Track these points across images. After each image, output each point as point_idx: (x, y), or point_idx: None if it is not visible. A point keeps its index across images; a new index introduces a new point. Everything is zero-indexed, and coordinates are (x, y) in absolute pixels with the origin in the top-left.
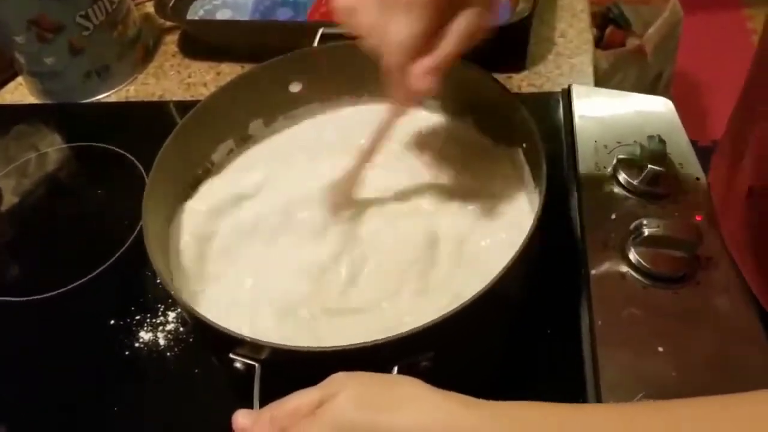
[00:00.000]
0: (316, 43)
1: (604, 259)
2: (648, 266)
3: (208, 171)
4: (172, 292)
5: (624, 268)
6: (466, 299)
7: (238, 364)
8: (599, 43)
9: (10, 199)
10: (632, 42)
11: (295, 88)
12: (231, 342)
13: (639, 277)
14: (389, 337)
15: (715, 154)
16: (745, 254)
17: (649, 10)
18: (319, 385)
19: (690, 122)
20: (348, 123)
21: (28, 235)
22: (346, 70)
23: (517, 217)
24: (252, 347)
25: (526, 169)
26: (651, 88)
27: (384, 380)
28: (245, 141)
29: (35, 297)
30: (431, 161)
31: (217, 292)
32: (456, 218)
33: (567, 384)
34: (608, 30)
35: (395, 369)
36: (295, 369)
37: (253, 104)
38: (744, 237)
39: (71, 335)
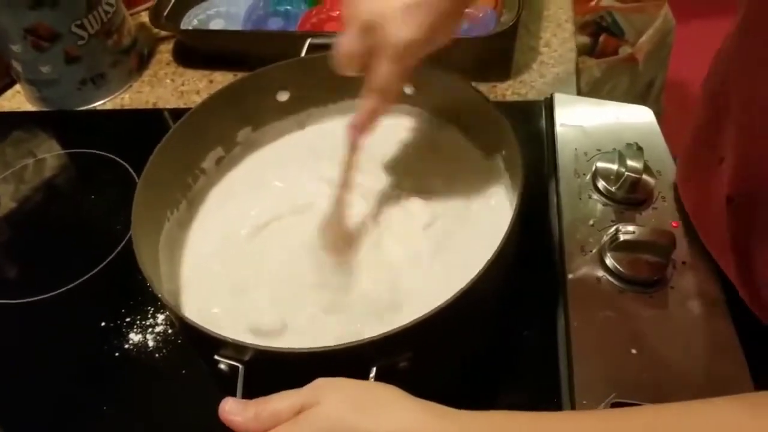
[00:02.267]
0: (304, 53)
1: (581, 264)
2: (623, 271)
3: (197, 178)
4: (160, 295)
5: (600, 273)
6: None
7: (222, 366)
8: (592, 51)
9: (7, 204)
10: (625, 50)
11: (282, 97)
12: (215, 344)
13: (614, 281)
14: (368, 338)
15: (681, 162)
16: (728, 258)
17: (641, 18)
18: (301, 389)
19: (683, 129)
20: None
21: (22, 239)
22: (333, 79)
23: (498, 221)
24: (235, 349)
25: (507, 175)
26: (643, 96)
27: (363, 387)
28: (234, 148)
29: (27, 300)
30: (414, 168)
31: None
32: (437, 221)
33: (542, 384)
34: (601, 38)
35: (374, 370)
36: (277, 370)
37: (242, 113)
38: (726, 242)
39: (63, 337)
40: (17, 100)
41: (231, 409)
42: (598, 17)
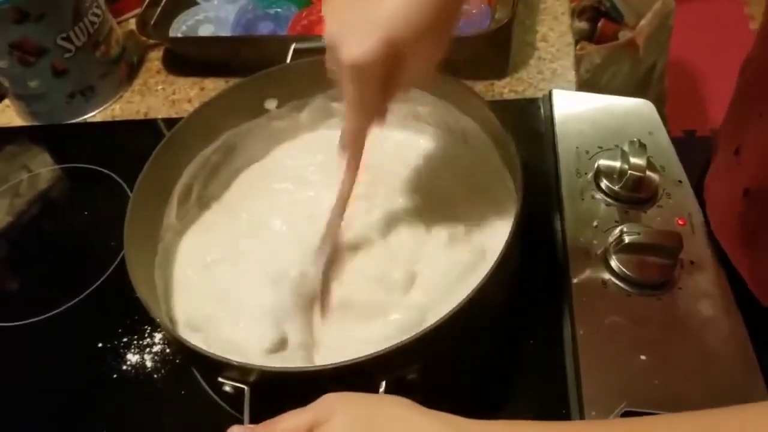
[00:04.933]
0: (289, 59)
1: (586, 267)
2: (630, 273)
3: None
4: (158, 320)
5: (606, 276)
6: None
7: (227, 388)
8: (591, 36)
9: (3, 218)
10: (624, 35)
11: (270, 105)
12: (218, 366)
13: (621, 285)
14: (376, 353)
15: (714, 152)
16: (741, 253)
17: (641, 1)
18: (310, 406)
19: (689, 112)
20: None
21: (16, 259)
22: (319, 84)
23: (501, 225)
24: (240, 371)
25: (508, 176)
26: (645, 81)
27: (374, 402)
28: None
29: (22, 322)
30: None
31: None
32: (440, 226)
33: (549, 395)
34: (600, 23)
35: (383, 384)
36: (284, 389)
37: (231, 124)
38: (740, 237)
39: (60, 360)
40: (7, 115)
41: None
42: (596, 2)
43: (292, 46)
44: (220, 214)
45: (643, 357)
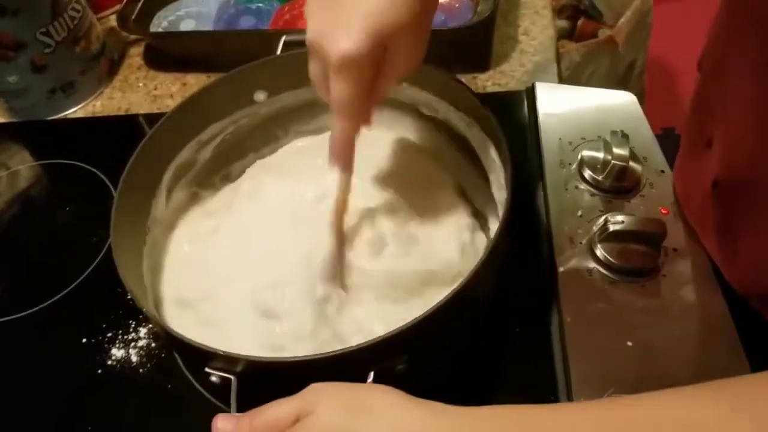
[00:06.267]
0: (279, 51)
1: (571, 256)
2: (614, 261)
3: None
4: (144, 309)
5: (591, 264)
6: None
7: (214, 378)
8: (571, 35)
9: None
10: (604, 32)
11: (259, 96)
12: (205, 356)
13: (606, 273)
14: (363, 343)
15: (681, 148)
16: (713, 241)
17: (619, 0)
18: (296, 395)
19: (668, 109)
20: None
21: None
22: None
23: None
24: (226, 360)
25: (494, 168)
26: (624, 78)
27: (359, 390)
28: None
29: (7, 318)
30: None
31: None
32: (420, 220)
33: (538, 382)
34: (580, 21)
35: (371, 375)
36: (271, 380)
37: (221, 115)
38: (711, 227)
39: (44, 356)
40: None
41: (223, 425)
42: (576, 0)
43: (282, 38)
44: (216, 199)
45: (629, 343)
